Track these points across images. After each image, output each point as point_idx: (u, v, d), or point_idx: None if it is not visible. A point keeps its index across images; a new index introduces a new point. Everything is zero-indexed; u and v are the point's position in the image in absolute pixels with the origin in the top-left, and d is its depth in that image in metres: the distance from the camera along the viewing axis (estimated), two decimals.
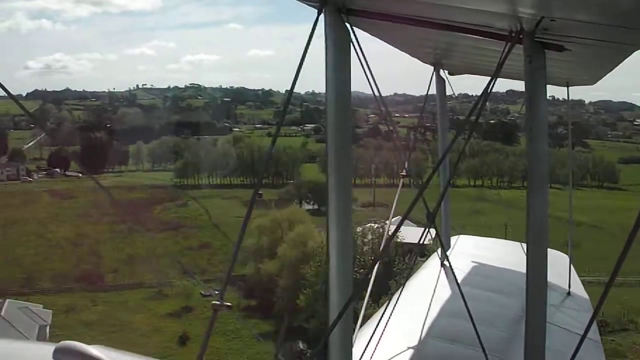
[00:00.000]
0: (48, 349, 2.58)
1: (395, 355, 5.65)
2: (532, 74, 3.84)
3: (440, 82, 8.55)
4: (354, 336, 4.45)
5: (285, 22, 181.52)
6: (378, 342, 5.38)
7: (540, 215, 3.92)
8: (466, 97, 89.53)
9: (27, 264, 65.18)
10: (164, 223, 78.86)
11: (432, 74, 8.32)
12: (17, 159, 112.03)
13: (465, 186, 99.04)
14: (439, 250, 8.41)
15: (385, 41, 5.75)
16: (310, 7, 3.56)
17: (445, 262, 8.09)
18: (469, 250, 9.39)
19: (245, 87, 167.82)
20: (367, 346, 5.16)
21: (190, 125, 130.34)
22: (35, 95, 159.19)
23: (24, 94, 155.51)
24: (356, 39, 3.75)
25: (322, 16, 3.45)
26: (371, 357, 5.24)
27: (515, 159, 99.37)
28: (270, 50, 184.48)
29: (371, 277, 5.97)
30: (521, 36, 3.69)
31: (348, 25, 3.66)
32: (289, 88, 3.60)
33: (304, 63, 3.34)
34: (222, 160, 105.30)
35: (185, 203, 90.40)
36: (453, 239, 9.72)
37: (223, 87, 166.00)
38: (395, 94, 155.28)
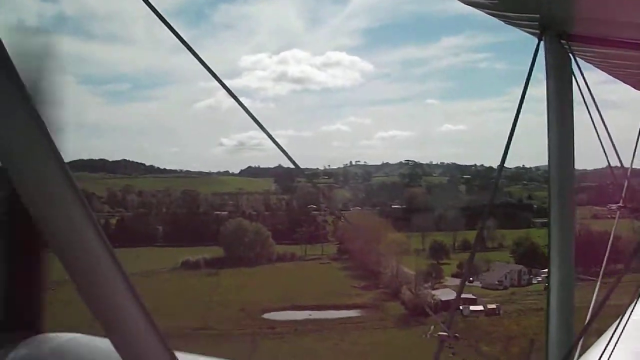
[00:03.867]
0: None
1: None
2: None
3: None
4: None
5: (472, 97, 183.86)
6: None
7: None
8: None
9: None
10: None
11: None
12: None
13: None
14: None
15: (601, 68, 5.55)
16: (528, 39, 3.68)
17: None
18: None
19: (456, 162, 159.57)
20: None
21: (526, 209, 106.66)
22: (250, 172, 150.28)
23: (237, 171, 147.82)
24: (577, 65, 3.73)
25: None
26: None
27: None
28: (463, 125, 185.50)
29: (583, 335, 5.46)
30: None
31: (570, 54, 3.68)
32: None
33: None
34: None
35: None
36: None
37: (433, 162, 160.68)
38: None
